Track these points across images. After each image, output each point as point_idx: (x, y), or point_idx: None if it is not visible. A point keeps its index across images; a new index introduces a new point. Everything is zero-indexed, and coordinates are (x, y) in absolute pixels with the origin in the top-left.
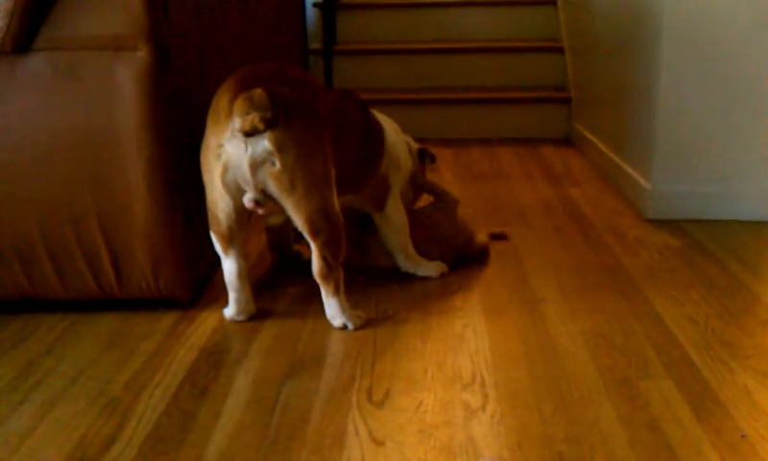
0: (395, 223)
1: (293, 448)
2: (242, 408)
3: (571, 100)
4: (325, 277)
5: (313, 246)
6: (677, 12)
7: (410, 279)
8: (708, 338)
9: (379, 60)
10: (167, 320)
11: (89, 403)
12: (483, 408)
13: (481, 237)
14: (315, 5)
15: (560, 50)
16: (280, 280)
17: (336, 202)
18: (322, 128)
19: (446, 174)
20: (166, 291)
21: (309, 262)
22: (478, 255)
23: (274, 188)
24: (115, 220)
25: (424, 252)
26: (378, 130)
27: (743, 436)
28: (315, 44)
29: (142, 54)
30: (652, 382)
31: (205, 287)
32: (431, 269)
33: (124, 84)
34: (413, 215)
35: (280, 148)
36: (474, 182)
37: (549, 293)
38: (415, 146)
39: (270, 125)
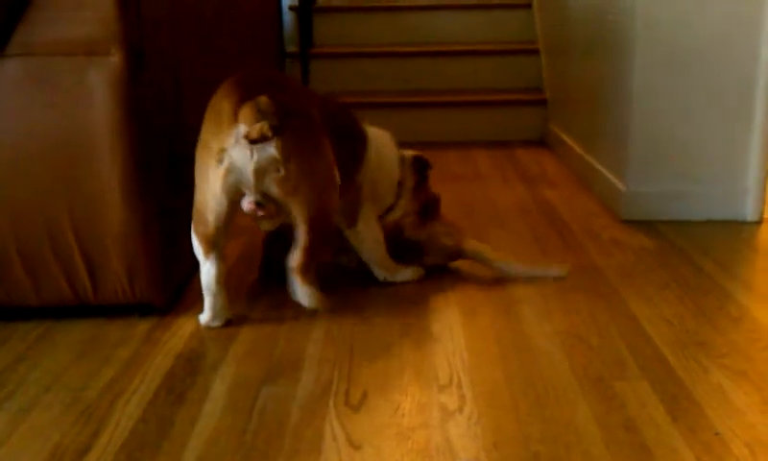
0: (367, 240)
1: (270, 454)
2: (219, 414)
3: (547, 102)
4: (306, 267)
5: (302, 240)
6: (650, 14)
7: (387, 282)
8: (682, 338)
9: (355, 64)
10: (143, 326)
11: (64, 411)
12: (460, 410)
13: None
14: (291, 8)
15: (535, 52)
16: (256, 286)
17: (337, 202)
18: (321, 132)
19: None
20: (142, 297)
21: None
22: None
23: (278, 192)
24: (90, 225)
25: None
26: (362, 138)
27: (717, 435)
28: (291, 47)
29: (115, 59)
30: (627, 382)
31: (182, 293)
32: (408, 274)
33: (97, 88)
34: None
35: (286, 154)
36: (450, 185)
37: (525, 294)
38: (409, 157)
39: (276, 132)
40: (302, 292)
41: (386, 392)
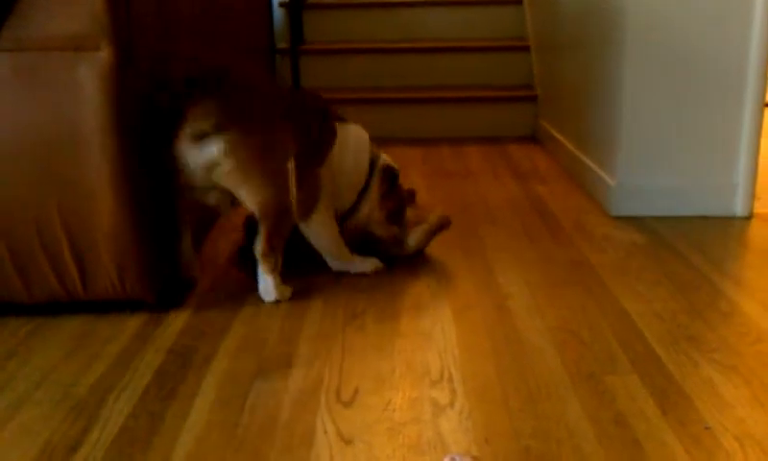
0: (320, 233)
1: (262, 449)
2: (210, 409)
3: (537, 98)
4: (266, 256)
5: (261, 227)
6: (640, 10)
7: (378, 277)
8: (673, 333)
9: (346, 60)
10: (133, 322)
11: (54, 407)
12: (451, 405)
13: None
14: (281, 5)
15: (526, 49)
16: (248, 282)
17: (290, 190)
18: (272, 126)
19: (415, 174)
20: (132, 293)
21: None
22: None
23: (226, 184)
24: (80, 221)
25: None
26: (330, 135)
27: (707, 428)
28: (282, 44)
29: (104, 54)
30: (618, 377)
31: (172, 288)
32: (365, 266)
33: (86, 84)
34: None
35: (231, 149)
36: (443, 181)
37: (516, 289)
38: (381, 164)
39: (219, 129)
40: (262, 280)
41: (377, 387)
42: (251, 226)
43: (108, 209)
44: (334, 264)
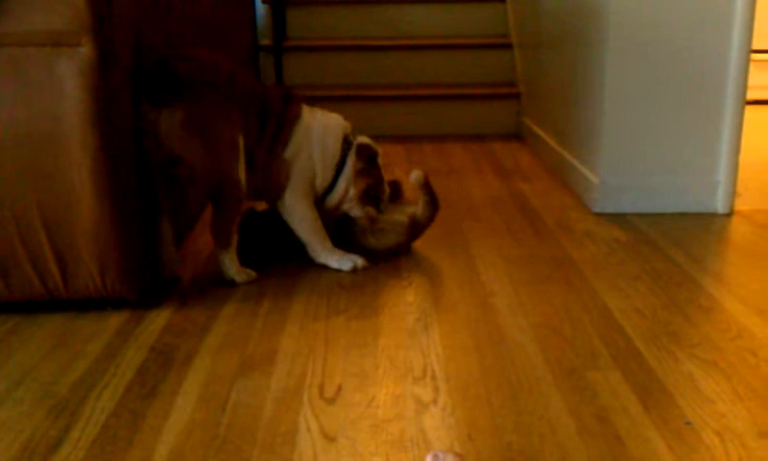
0: (294, 216)
1: (244, 447)
2: (192, 407)
3: (520, 96)
4: (219, 236)
5: (213, 208)
6: (622, 7)
7: (361, 274)
8: (654, 329)
9: (329, 57)
10: (115, 320)
11: (35, 405)
12: (434, 401)
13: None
14: (264, 1)
15: (508, 46)
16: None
17: (239, 168)
18: (225, 105)
19: (398, 171)
20: (113, 290)
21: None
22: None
23: (180, 152)
24: (60, 218)
25: (385, 242)
26: (290, 120)
27: (688, 423)
28: (265, 41)
29: (85, 50)
30: (600, 373)
31: (154, 286)
32: (344, 262)
33: (67, 80)
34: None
35: (182, 118)
36: None
37: (499, 286)
38: (356, 143)
39: (173, 98)
40: (219, 262)
41: (360, 384)
42: (245, 219)
43: (89, 207)
44: (315, 255)
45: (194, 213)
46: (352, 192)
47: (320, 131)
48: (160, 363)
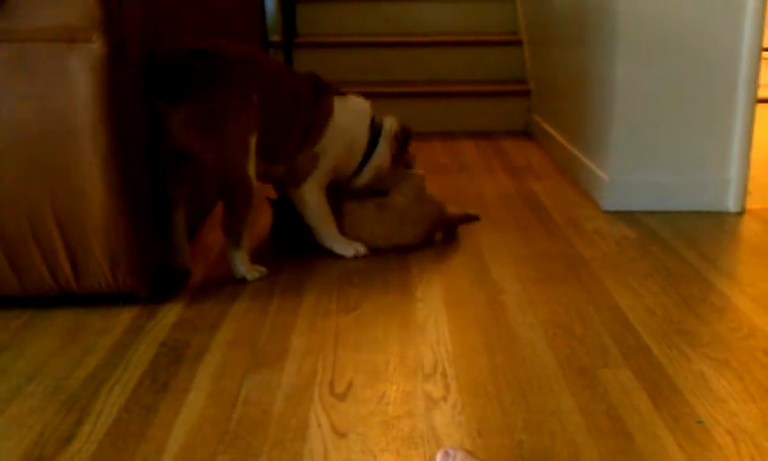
0: (308, 204)
1: (254, 443)
2: (203, 403)
3: (530, 93)
4: (230, 233)
5: (224, 205)
6: (633, 4)
7: (372, 271)
8: (665, 327)
9: (340, 54)
10: (126, 315)
11: (47, 400)
12: (444, 398)
13: (453, 210)
14: None
15: (518, 43)
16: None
17: (249, 167)
18: (237, 103)
19: None
20: (125, 286)
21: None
22: (451, 230)
23: (193, 149)
24: (72, 214)
25: (400, 233)
26: (324, 114)
27: (699, 422)
28: (275, 37)
29: (96, 46)
30: (610, 371)
31: (164, 282)
32: (347, 248)
33: (78, 76)
34: (380, 201)
35: (194, 114)
36: (436, 176)
37: (509, 284)
38: (394, 129)
39: (187, 95)
40: (230, 259)
41: (371, 380)
42: (276, 206)
43: (101, 202)
44: (321, 240)
45: (205, 209)
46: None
47: (350, 122)
48: (171, 358)
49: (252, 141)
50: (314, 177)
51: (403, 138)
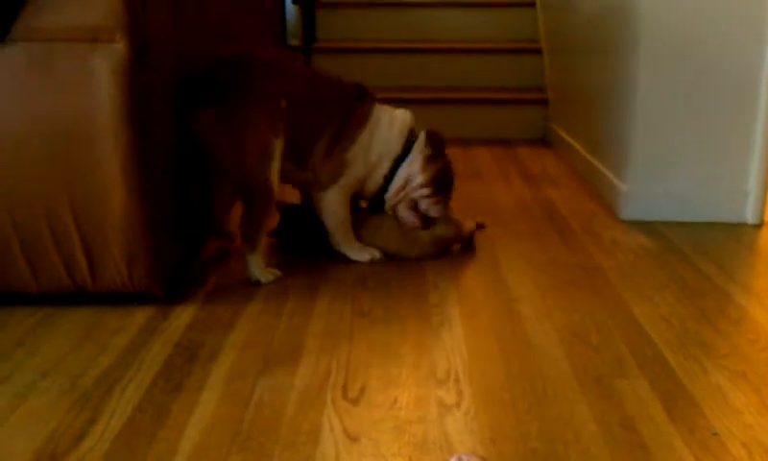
0: (329, 210)
1: (267, 444)
2: (216, 403)
3: (548, 101)
4: (247, 237)
5: (243, 208)
6: (655, 14)
7: (386, 276)
8: (681, 338)
9: (358, 59)
10: (141, 314)
11: (61, 397)
12: (457, 405)
13: (469, 224)
14: (294, 2)
15: (538, 51)
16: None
17: (271, 172)
18: (262, 104)
19: None
20: (140, 285)
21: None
22: (466, 243)
23: (213, 152)
24: (90, 213)
25: (413, 248)
26: (358, 122)
27: (715, 434)
28: (294, 42)
29: (119, 46)
30: (626, 381)
31: (180, 282)
32: (362, 254)
33: (100, 76)
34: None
35: (216, 123)
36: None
37: (525, 292)
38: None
39: (204, 103)
40: (247, 262)
41: (384, 385)
42: (284, 211)
43: (119, 202)
44: (337, 245)
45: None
46: (421, 179)
47: (384, 131)
48: (185, 358)
49: (278, 147)
50: (341, 184)
51: (435, 140)
